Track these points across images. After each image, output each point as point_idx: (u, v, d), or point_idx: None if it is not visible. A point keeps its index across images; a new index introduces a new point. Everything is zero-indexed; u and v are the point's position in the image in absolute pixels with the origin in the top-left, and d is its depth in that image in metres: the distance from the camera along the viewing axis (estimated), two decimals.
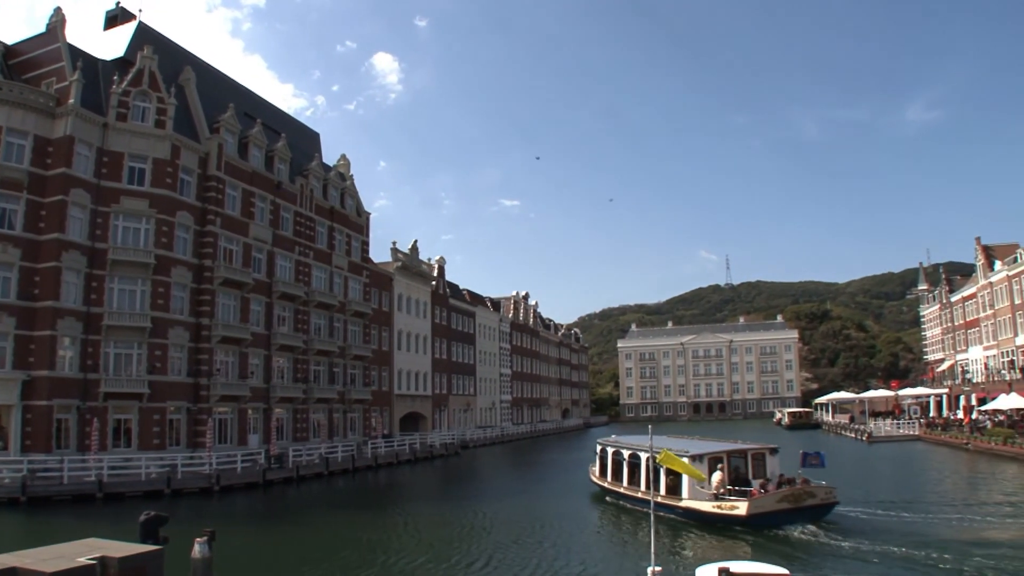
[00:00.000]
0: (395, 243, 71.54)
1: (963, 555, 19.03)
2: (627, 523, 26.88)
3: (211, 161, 46.89)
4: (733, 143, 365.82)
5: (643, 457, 28.29)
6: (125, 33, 48.40)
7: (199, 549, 13.82)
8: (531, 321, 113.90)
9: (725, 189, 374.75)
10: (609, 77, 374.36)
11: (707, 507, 24.34)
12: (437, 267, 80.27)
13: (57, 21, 42.65)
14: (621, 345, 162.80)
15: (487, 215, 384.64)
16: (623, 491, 30.23)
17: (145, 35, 48.03)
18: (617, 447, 31.75)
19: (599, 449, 33.97)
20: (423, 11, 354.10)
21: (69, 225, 39.28)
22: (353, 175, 65.00)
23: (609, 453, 32.29)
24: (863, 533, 22.42)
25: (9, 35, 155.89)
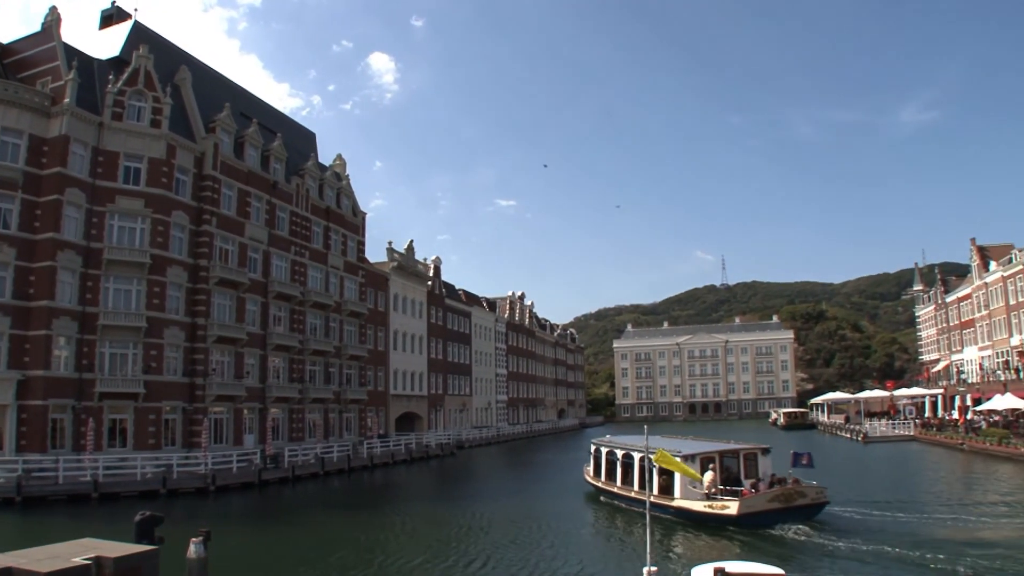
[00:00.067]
0: (391, 243, 71.91)
1: (957, 555, 19.08)
2: (621, 523, 26.93)
3: (207, 161, 46.86)
4: (729, 143, 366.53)
5: (636, 457, 28.58)
6: (121, 32, 48.35)
7: (194, 549, 13.84)
8: (527, 321, 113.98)
9: (721, 189, 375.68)
10: (605, 77, 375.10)
11: (699, 507, 24.49)
12: (433, 267, 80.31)
13: (52, 20, 42.61)
14: (617, 345, 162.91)
15: (483, 215, 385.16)
16: (617, 491, 30.34)
17: (141, 34, 47.95)
18: (611, 447, 31.87)
19: (593, 449, 34.11)
20: (419, 11, 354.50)
21: (64, 224, 39.24)
22: (349, 175, 65.03)
23: (603, 453, 32.42)
24: (858, 533, 22.48)
25: (4, 34, 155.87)
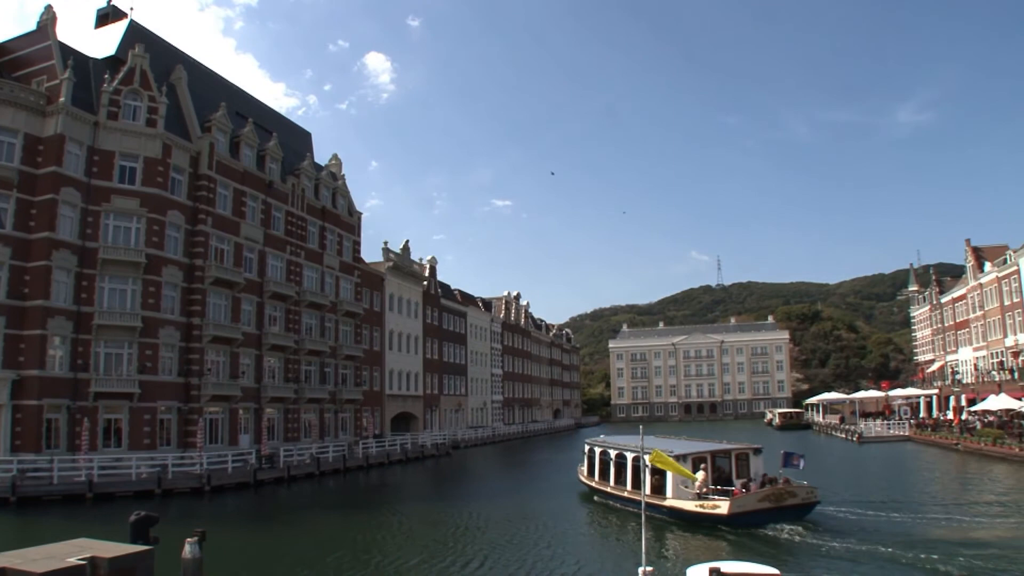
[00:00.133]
0: (386, 243, 71.90)
1: (951, 555, 19.15)
2: (615, 522, 27.03)
3: (202, 160, 46.77)
4: (725, 144, 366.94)
5: (629, 457, 28.85)
6: (116, 31, 48.22)
7: (190, 549, 13.82)
8: (522, 321, 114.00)
9: (716, 190, 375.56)
10: (601, 78, 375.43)
11: (690, 506, 24.67)
12: (428, 267, 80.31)
13: (48, 19, 42.53)
14: (612, 345, 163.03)
15: (479, 215, 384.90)
16: (610, 491, 30.52)
17: (136, 33, 47.85)
18: (604, 447, 32.07)
19: (587, 449, 34.30)
20: (416, 11, 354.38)
21: (59, 224, 39.13)
22: (345, 175, 65.03)
23: (597, 453, 32.62)
24: (852, 533, 22.56)
25: None
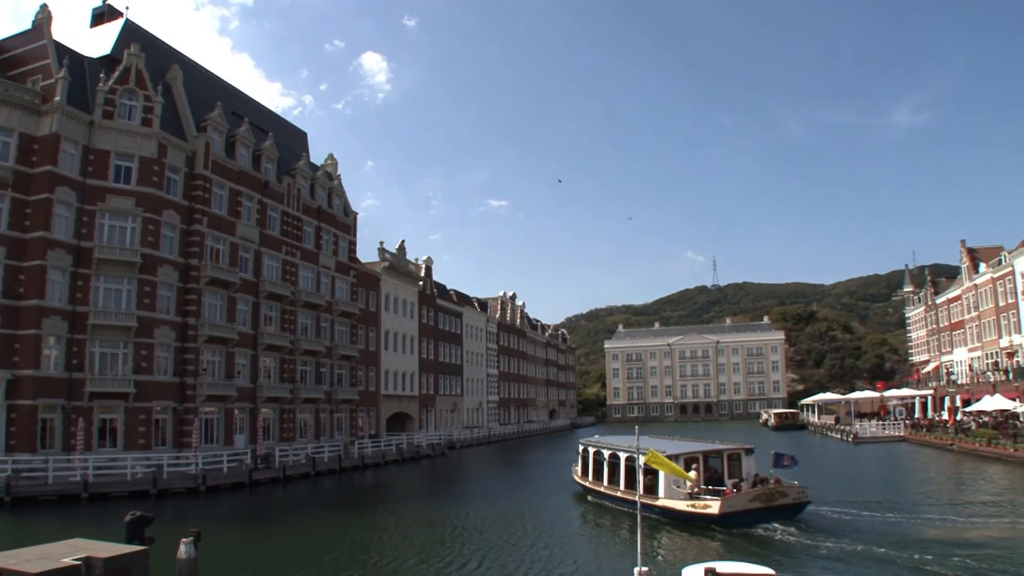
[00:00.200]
0: (382, 243, 71.71)
1: (945, 555, 19.21)
2: (609, 522, 27.19)
3: (198, 160, 46.71)
4: (721, 144, 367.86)
5: (622, 457, 29.04)
6: (112, 31, 48.14)
7: (185, 550, 13.81)
8: (518, 322, 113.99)
9: (712, 190, 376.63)
10: (597, 78, 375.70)
11: (682, 506, 24.82)
12: (424, 267, 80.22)
13: (43, 18, 42.41)
14: (608, 346, 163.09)
15: (475, 215, 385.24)
16: (603, 490, 30.73)
17: (132, 33, 47.78)
18: (598, 447, 32.27)
19: (581, 449, 34.52)
20: (412, 11, 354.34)
21: (54, 223, 39.04)
22: (340, 175, 64.94)
23: (591, 453, 32.83)
24: (847, 533, 22.61)
25: None
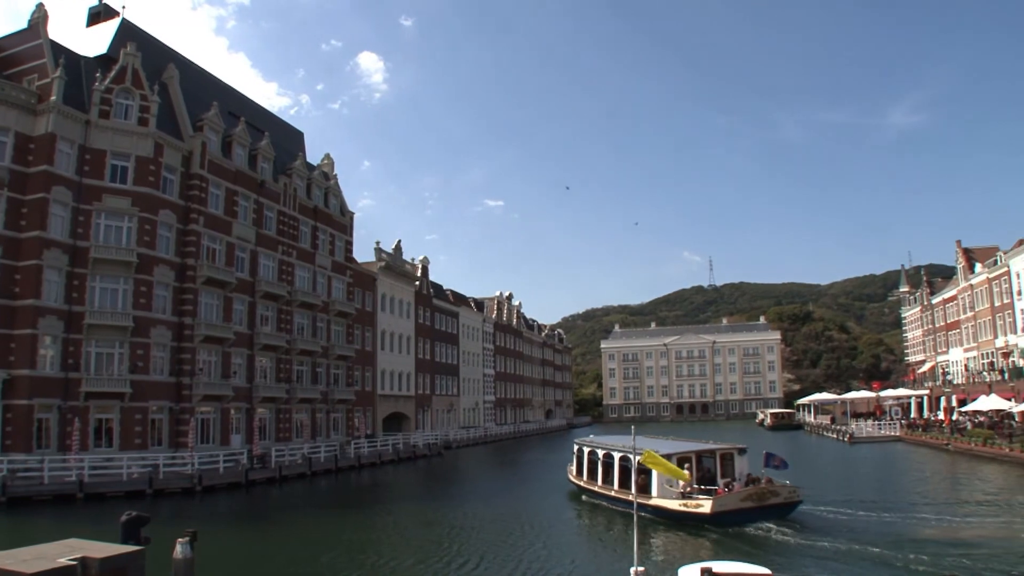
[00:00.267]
0: (379, 243, 71.84)
1: (941, 554, 19.28)
2: (603, 521, 27.34)
3: (194, 159, 46.63)
4: (717, 144, 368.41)
5: (616, 457, 29.28)
6: (108, 30, 48.02)
7: (181, 550, 13.81)
8: (514, 322, 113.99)
9: (708, 190, 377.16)
10: (593, 78, 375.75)
11: (674, 505, 24.96)
12: (421, 267, 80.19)
13: (39, 17, 42.32)
14: (604, 346, 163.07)
15: (471, 215, 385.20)
16: (598, 490, 30.91)
17: (128, 32, 47.66)
18: (593, 447, 32.47)
19: (576, 449, 34.74)
20: (409, 11, 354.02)
21: (50, 223, 38.97)
22: (337, 174, 64.87)
23: (585, 453, 33.04)
24: (843, 533, 22.67)
25: None
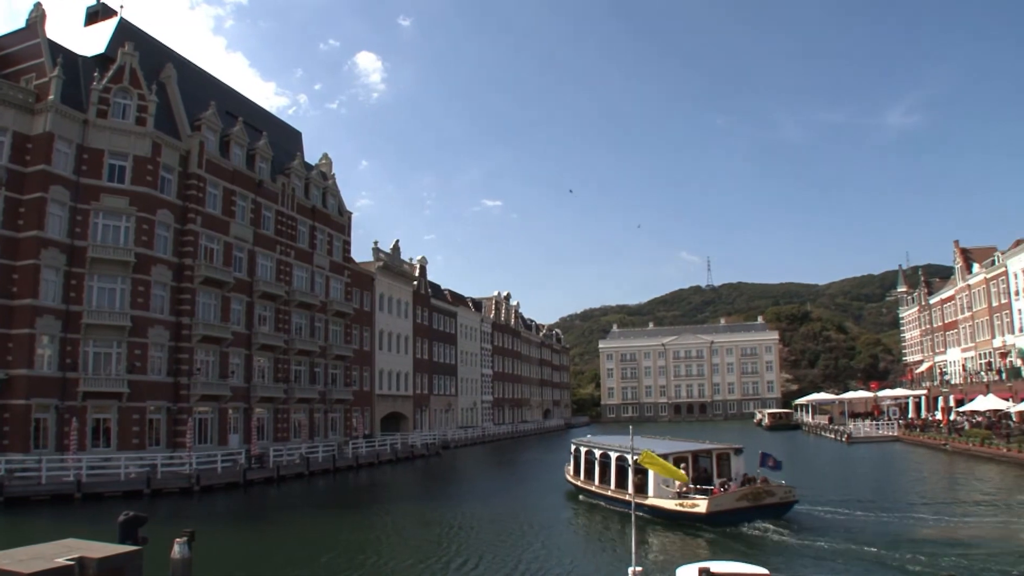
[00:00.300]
0: (377, 243, 71.95)
1: (938, 555, 19.29)
2: (600, 521, 27.39)
3: (192, 159, 46.58)
4: (715, 145, 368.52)
5: (613, 457, 29.30)
6: (106, 29, 47.96)
7: (179, 550, 13.80)
8: (512, 322, 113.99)
9: (706, 191, 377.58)
10: (591, 78, 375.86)
11: (670, 505, 25.02)
12: (419, 267, 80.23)
13: (37, 16, 42.28)
14: (602, 346, 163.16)
15: (469, 215, 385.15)
16: (595, 489, 30.98)
17: (126, 32, 47.61)
18: (590, 447, 32.55)
19: (573, 449, 34.82)
20: (407, 10, 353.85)
21: (48, 222, 38.91)
22: (335, 174, 64.90)
23: (582, 453, 33.10)
24: (840, 533, 22.68)
25: None
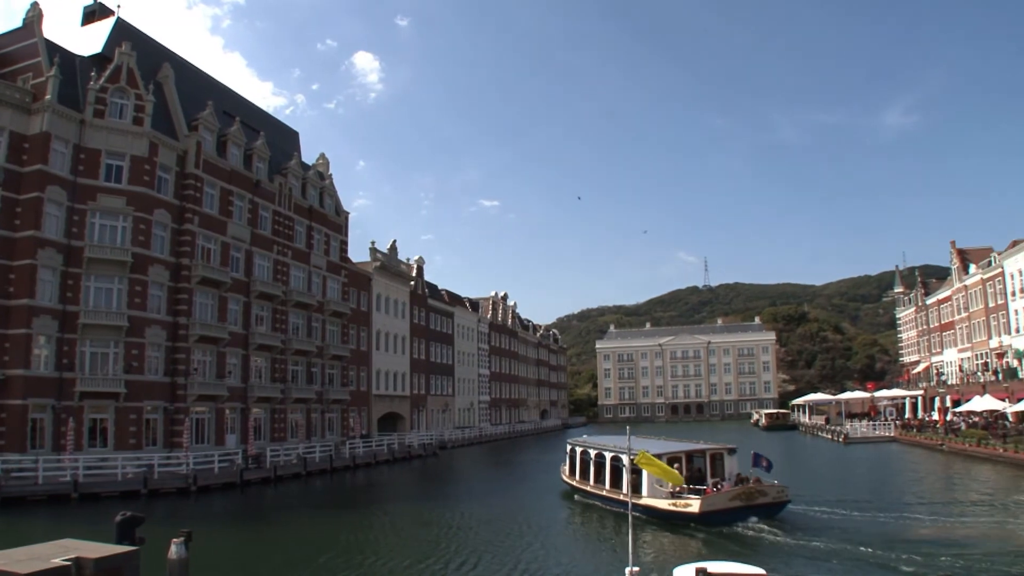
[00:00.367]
0: (374, 243, 71.85)
1: (934, 555, 19.34)
2: (596, 520, 27.46)
3: (189, 159, 46.50)
4: (712, 145, 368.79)
5: (608, 457, 29.41)
6: (103, 29, 47.88)
7: (176, 550, 13.77)
8: (510, 322, 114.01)
9: (704, 191, 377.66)
10: (589, 79, 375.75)
11: (664, 504, 25.13)
12: (416, 267, 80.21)
13: (34, 16, 42.21)
14: (599, 346, 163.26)
15: (466, 215, 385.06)
16: (590, 489, 31.09)
17: (123, 31, 47.57)
18: (585, 447, 32.63)
19: (569, 449, 34.91)
20: (404, 10, 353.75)
21: (45, 222, 38.81)
22: (332, 174, 64.85)
23: (578, 453, 33.20)
24: (836, 533, 22.70)
25: None
